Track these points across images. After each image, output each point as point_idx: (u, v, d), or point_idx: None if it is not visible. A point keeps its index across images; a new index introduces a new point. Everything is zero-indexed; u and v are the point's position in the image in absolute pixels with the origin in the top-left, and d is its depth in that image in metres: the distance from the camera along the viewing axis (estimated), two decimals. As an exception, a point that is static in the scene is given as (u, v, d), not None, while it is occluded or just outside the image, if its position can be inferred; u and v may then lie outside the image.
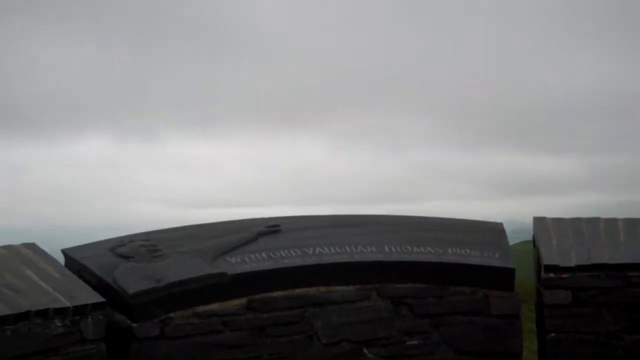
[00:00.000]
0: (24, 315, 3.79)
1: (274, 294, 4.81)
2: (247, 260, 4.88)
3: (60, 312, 3.95)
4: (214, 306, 4.62)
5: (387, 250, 5.25)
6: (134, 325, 4.29)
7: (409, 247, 5.31)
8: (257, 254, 4.97)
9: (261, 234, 5.30)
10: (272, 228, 5.42)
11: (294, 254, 5.05)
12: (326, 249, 5.18)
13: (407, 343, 5.01)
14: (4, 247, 4.44)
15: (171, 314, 4.44)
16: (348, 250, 5.21)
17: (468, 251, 5.31)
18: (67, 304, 4.00)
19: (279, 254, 5.01)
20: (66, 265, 4.69)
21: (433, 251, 5.28)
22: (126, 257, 4.69)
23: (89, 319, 4.08)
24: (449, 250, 5.29)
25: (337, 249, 5.20)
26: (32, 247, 4.55)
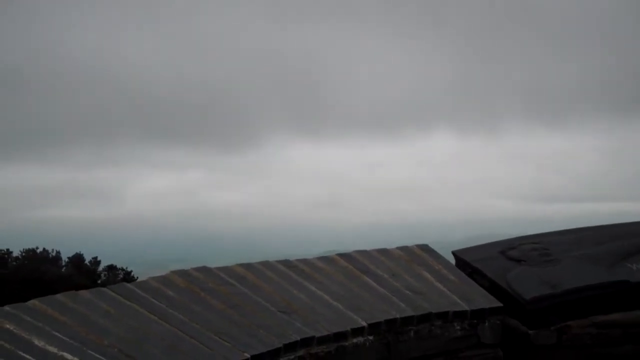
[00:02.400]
0: (426, 317, 3.88)
1: (685, 307, 4.27)
2: (649, 267, 4.41)
3: (459, 315, 3.96)
4: (615, 316, 4.25)
5: None
6: (531, 332, 4.13)
7: None
8: (660, 261, 4.45)
9: (662, 239, 4.75)
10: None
11: None
12: None
13: None
14: (400, 248, 4.61)
15: (569, 323, 4.19)
16: None
17: None
18: (465, 307, 4.00)
19: (688, 262, 4.43)
20: (456, 266, 4.71)
21: None
22: (517, 261, 4.54)
23: (486, 324, 4.03)
24: None
25: None
26: (425, 248, 4.66)
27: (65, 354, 2.82)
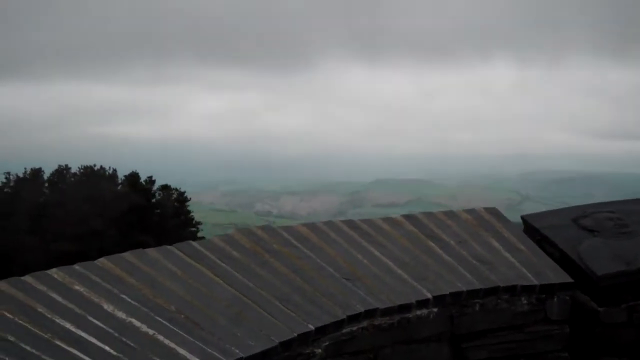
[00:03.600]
0: (493, 290, 3.77)
1: None
2: None
3: (527, 289, 3.84)
4: (688, 296, 4.07)
5: None
6: (600, 309, 3.99)
7: None
8: None
9: None
10: None
11: None
12: None
13: None
14: (467, 211, 4.46)
15: (640, 301, 4.04)
16: None
17: None
18: (534, 281, 3.87)
19: None
20: (525, 232, 4.56)
21: None
22: (590, 231, 4.36)
23: (555, 299, 3.90)
24: None
25: None
26: (493, 212, 4.50)
27: (134, 321, 2.82)
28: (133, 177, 43.87)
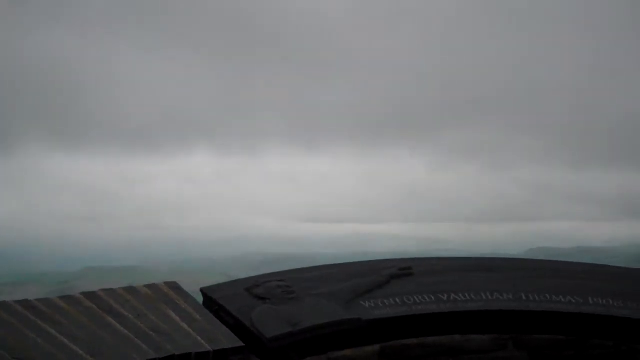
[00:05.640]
0: (169, 359, 3.91)
1: (408, 342, 4.75)
2: (380, 305, 4.84)
3: (202, 356, 4.04)
4: (347, 352, 4.61)
5: (524, 298, 5.07)
6: (270, 369, 4.33)
7: (548, 296, 5.11)
8: (390, 299, 4.91)
9: (394, 277, 5.24)
10: (404, 271, 5.34)
11: (427, 299, 4.96)
12: (461, 295, 5.05)
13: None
14: (148, 286, 4.61)
15: (306, 359, 4.46)
16: (484, 297, 5.06)
17: (610, 301, 5.07)
18: (208, 347, 4.09)
19: (412, 300, 4.93)
20: (204, 304, 4.81)
21: (573, 301, 5.06)
22: (262, 299, 4.75)
23: (228, 363, 4.15)
24: (590, 300, 5.07)
25: (472, 295, 5.06)
26: (173, 286, 4.70)
27: None
28: None
